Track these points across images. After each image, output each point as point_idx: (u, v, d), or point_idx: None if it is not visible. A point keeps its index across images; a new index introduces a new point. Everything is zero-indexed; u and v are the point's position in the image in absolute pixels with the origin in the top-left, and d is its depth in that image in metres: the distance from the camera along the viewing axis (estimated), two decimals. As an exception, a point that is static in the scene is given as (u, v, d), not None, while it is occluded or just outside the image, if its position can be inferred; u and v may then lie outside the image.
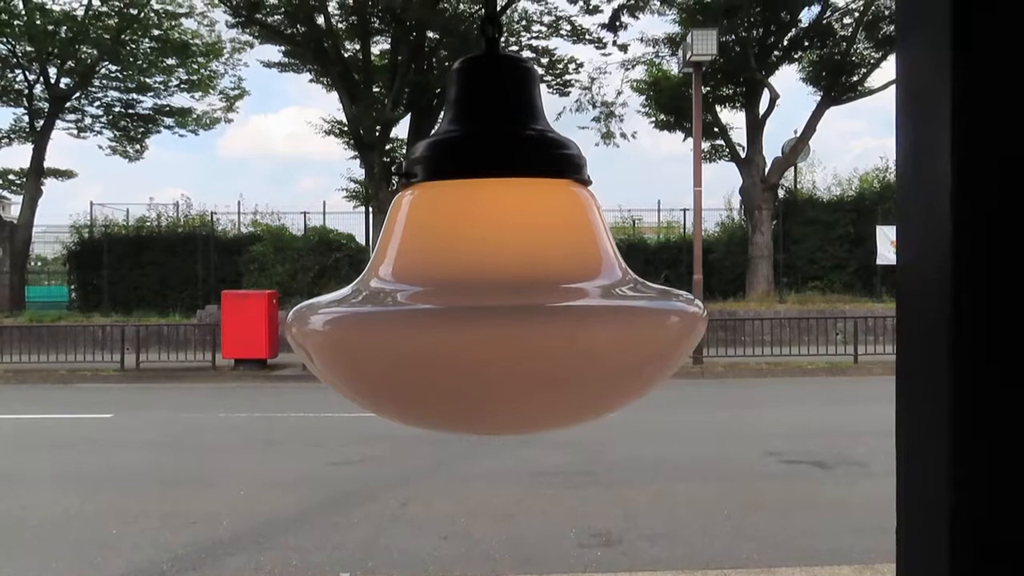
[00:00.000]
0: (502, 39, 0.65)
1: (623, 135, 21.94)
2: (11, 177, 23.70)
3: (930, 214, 0.56)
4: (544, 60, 20.90)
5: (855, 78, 20.06)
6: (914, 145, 0.59)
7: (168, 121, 22.49)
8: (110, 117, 22.25)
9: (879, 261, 17.24)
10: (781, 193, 20.07)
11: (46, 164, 21.33)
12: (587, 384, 0.56)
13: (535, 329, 0.53)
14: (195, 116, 22.59)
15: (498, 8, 0.75)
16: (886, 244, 17.18)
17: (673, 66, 20.75)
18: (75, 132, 22.33)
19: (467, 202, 0.60)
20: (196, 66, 21.40)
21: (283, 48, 20.55)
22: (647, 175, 55.67)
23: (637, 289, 0.60)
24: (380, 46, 20.84)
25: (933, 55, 0.55)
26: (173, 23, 20.45)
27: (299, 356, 0.60)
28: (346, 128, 20.98)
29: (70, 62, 20.22)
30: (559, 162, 0.62)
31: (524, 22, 20.63)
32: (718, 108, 20.74)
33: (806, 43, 20.17)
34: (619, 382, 0.58)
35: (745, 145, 19.85)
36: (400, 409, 0.61)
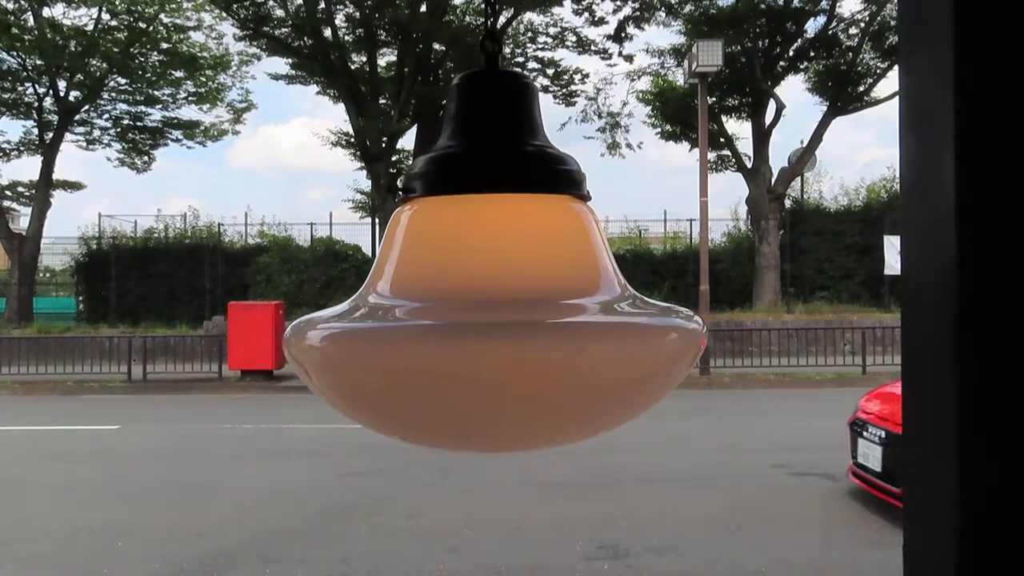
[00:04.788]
0: (508, 50, 0.65)
1: (629, 145, 22.00)
2: (20, 189, 23.88)
3: (934, 228, 0.55)
4: (550, 71, 20.98)
5: (861, 88, 20.06)
6: (918, 159, 0.59)
7: (176, 133, 22.63)
8: (119, 130, 22.39)
9: (887, 271, 17.17)
10: (788, 203, 20.03)
11: (55, 176, 21.47)
12: (587, 401, 0.56)
13: (534, 346, 0.53)
14: (203, 128, 22.73)
15: (499, 23, 0.75)
16: (893, 254, 17.12)
17: (679, 77, 20.80)
18: (84, 144, 22.50)
19: (466, 218, 0.60)
20: (204, 79, 21.53)
21: (290, 60, 20.69)
22: (653, 185, 55.79)
23: (636, 305, 0.60)
24: (387, 58, 20.98)
25: (936, 70, 0.55)
26: (181, 36, 20.60)
27: (297, 372, 0.60)
28: (353, 139, 21.08)
29: (79, 75, 20.38)
30: (558, 178, 0.62)
31: (530, 34, 20.73)
32: (724, 118, 20.75)
33: (812, 53, 20.19)
34: (619, 399, 0.58)
35: (751, 155, 19.85)
36: (398, 426, 0.60)
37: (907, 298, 0.60)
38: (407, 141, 21.51)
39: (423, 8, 18.68)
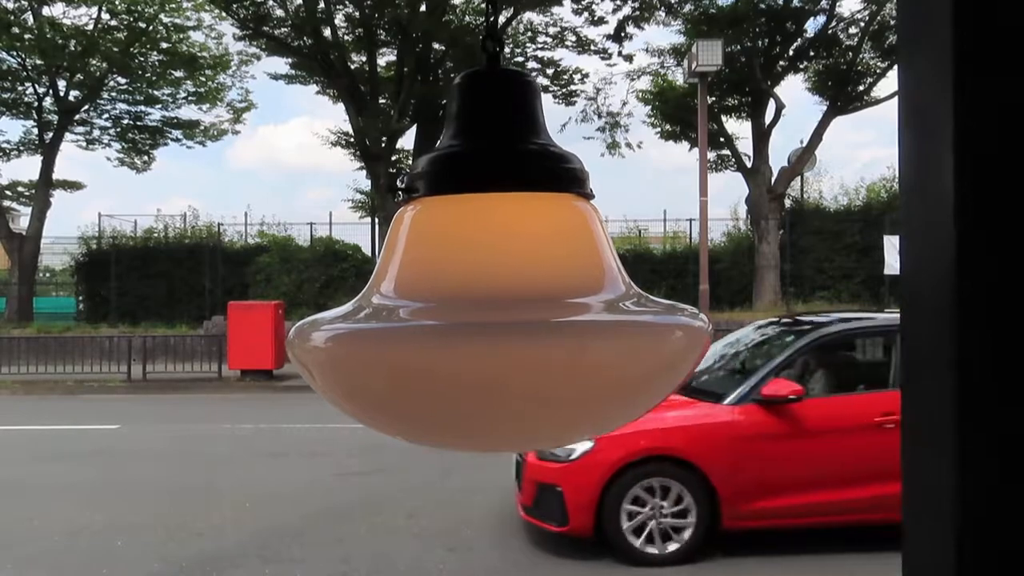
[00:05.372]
0: (508, 50, 0.65)
1: (629, 145, 21.97)
2: (20, 189, 23.86)
3: (934, 228, 0.56)
4: (549, 71, 20.96)
5: (861, 88, 20.05)
6: (917, 159, 0.59)
7: (176, 133, 22.62)
8: (118, 129, 22.38)
9: (886, 271, 17.16)
10: (788, 203, 20.03)
11: (55, 176, 21.46)
12: (592, 400, 0.56)
13: (539, 345, 0.53)
14: (203, 128, 22.72)
15: (499, 23, 0.75)
16: (893, 254, 17.11)
17: (679, 76, 20.79)
18: (84, 144, 22.48)
19: (469, 217, 0.60)
20: (204, 79, 21.52)
21: (290, 60, 20.68)
22: (653, 185, 55.68)
23: (641, 303, 0.60)
24: (386, 58, 20.96)
25: (935, 70, 0.55)
26: (181, 36, 20.59)
27: (301, 373, 0.60)
28: (352, 139, 21.07)
29: (79, 75, 20.36)
30: (561, 176, 0.62)
31: (530, 33, 20.72)
32: (724, 118, 20.74)
33: (812, 53, 20.18)
34: (624, 397, 0.58)
35: (751, 155, 19.84)
36: (403, 426, 0.60)
37: (906, 298, 0.61)
38: (407, 141, 21.51)
39: (423, 8, 18.67)
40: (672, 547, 5.16)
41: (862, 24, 19.37)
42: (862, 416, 5.22)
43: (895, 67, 0.62)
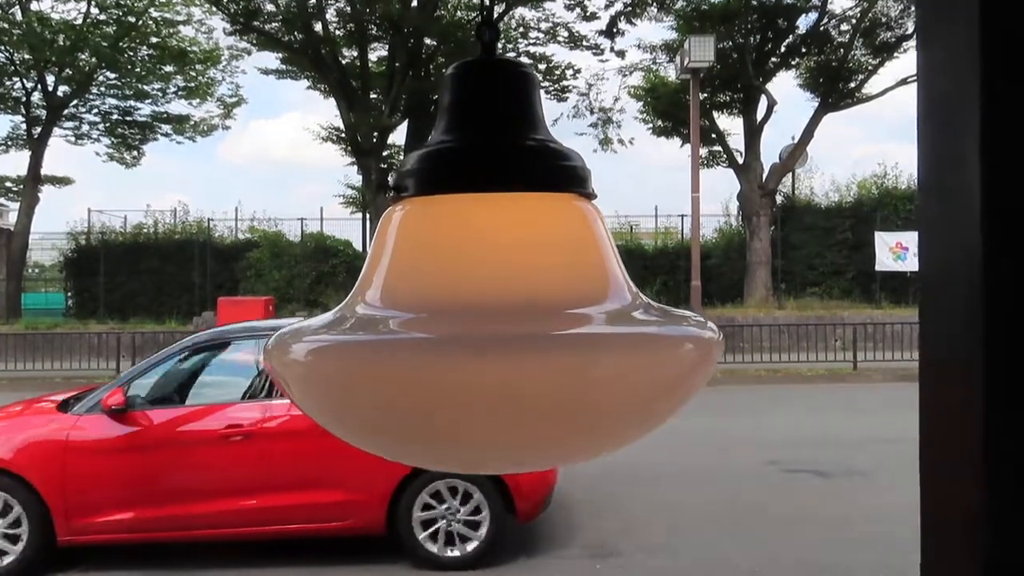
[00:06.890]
0: (500, 46, 0.61)
1: (621, 141, 22.00)
2: (8, 184, 23.70)
3: (958, 227, 0.52)
4: (542, 66, 20.94)
5: (852, 84, 20.12)
6: (938, 153, 0.55)
7: (165, 128, 22.52)
8: (107, 124, 22.26)
9: (878, 267, 17.25)
10: (779, 199, 20.08)
11: (43, 171, 21.33)
12: (596, 419, 0.52)
13: (539, 360, 0.49)
14: (192, 123, 22.62)
15: (495, 13, 0.71)
16: (885, 250, 17.20)
17: (671, 72, 20.80)
18: (73, 139, 22.36)
19: (463, 219, 0.56)
20: (194, 73, 21.42)
21: (281, 55, 20.59)
22: (645, 181, 55.73)
23: (648, 313, 0.55)
24: (378, 53, 20.90)
25: (960, 52, 0.51)
26: (171, 31, 20.48)
27: (278, 385, 0.56)
28: (344, 134, 21.01)
29: (68, 70, 20.24)
30: (562, 175, 0.57)
31: (521, 28, 20.69)
32: (716, 114, 20.78)
33: (803, 50, 20.24)
34: (630, 415, 0.54)
35: (743, 151, 19.88)
36: (390, 446, 0.56)
37: (927, 302, 0.57)
38: (398, 136, 21.47)
39: (414, 3, 18.61)
40: (5, 561, 4.95)
41: (854, 21, 19.44)
42: (209, 429, 5.01)
43: (886, 64, 0.58)
